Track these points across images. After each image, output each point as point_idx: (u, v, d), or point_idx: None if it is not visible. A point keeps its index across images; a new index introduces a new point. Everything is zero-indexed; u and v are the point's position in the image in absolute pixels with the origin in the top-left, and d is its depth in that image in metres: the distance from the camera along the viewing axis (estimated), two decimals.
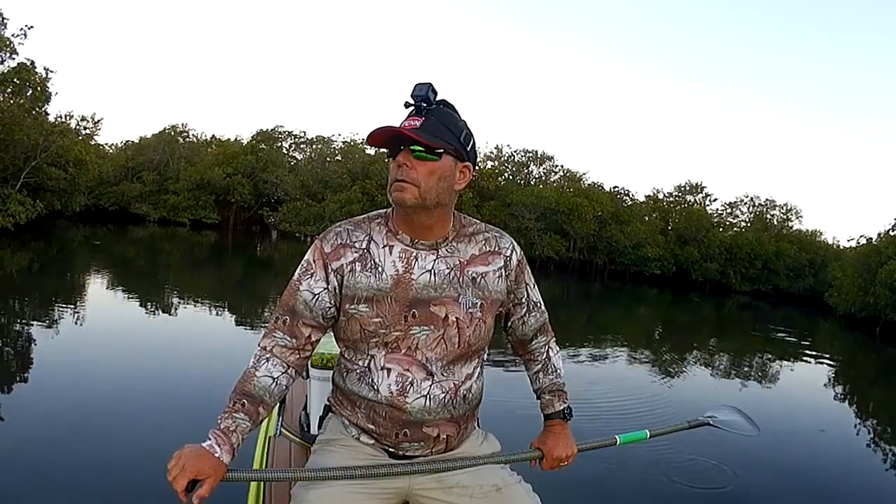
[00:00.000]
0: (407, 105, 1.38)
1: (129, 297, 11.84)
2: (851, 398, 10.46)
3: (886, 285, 25.46)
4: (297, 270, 1.47)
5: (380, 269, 1.42)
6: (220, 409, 1.38)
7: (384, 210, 1.52)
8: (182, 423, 4.41)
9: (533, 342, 1.67)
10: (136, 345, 7.35)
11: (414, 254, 1.43)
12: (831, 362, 14.83)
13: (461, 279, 1.44)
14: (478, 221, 1.55)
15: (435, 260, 1.44)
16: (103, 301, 11.00)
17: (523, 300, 1.59)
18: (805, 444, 6.31)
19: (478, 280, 1.46)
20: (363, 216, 1.52)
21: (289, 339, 1.44)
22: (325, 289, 1.44)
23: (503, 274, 1.50)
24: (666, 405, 7.09)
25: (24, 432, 4.22)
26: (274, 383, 1.42)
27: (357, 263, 1.43)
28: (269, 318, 1.47)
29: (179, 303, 11.93)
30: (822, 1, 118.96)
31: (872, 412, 9.37)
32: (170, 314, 10.40)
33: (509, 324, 1.64)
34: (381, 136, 1.36)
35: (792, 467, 5.39)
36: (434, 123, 1.35)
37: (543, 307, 1.66)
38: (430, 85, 1.37)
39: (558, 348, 1.72)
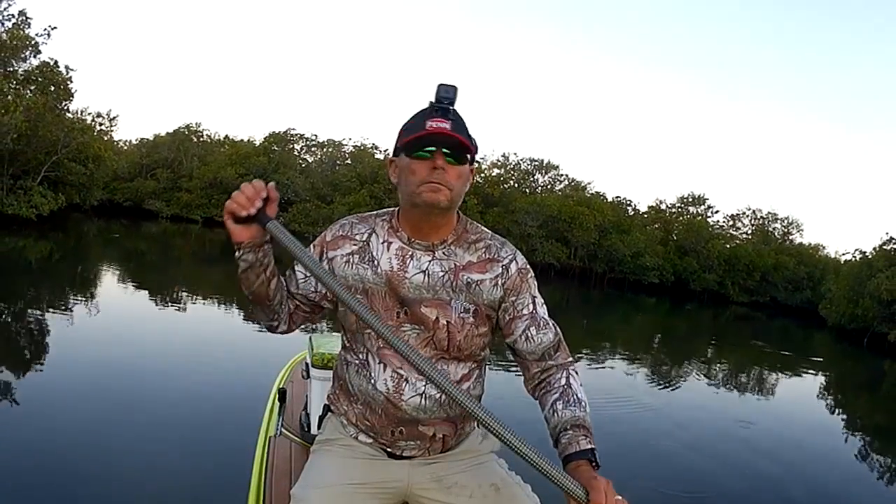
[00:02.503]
0: (431, 105, 1.35)
1: (141, 289, 12.31)
2: (838, 409, 10.79)
3: (874, 297, 26.06)
4: None
5: (375, 262, 1.43)
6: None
7: (392, 208, 1.53)
8: (180, 418, 4.41)
9: (545, 363, 1.47)
10: (145, 335, 7.58)
11: (410, 252, 1.43)
12: (820, 373, 15.25)
13: (455, 283, 1.42)
14: (484, 229, 1.51)
15: (430, 261, 1.42)
16: (117, 291, 11.57)
17: (525, 312, 1.46)
18: (794, 451, 6.56)
19: (472, 286, 1.42)
20: (373, 212, 1.54)
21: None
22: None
23: (499, 283, 1.44)
24: (655, 409, 7.47)
25: (32, 420, 4.35)
26: (276, 277, 1.43)
27: (355, 255, 1.45)
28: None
29: (189, 296, 12.29)
30: (826, 12, 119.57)
31: (857, 423, 9.69)
32: (179, 306, 10.76)
33: (514, 339, 1.47)
34: (416, 134, 1.33)
35: (782, 473, 5.65)
36: (460, 128, 1.34)
37: (555, 328, 1.49)
38: (455, 87, 1.35)
39: (580, 379, 1.45)
